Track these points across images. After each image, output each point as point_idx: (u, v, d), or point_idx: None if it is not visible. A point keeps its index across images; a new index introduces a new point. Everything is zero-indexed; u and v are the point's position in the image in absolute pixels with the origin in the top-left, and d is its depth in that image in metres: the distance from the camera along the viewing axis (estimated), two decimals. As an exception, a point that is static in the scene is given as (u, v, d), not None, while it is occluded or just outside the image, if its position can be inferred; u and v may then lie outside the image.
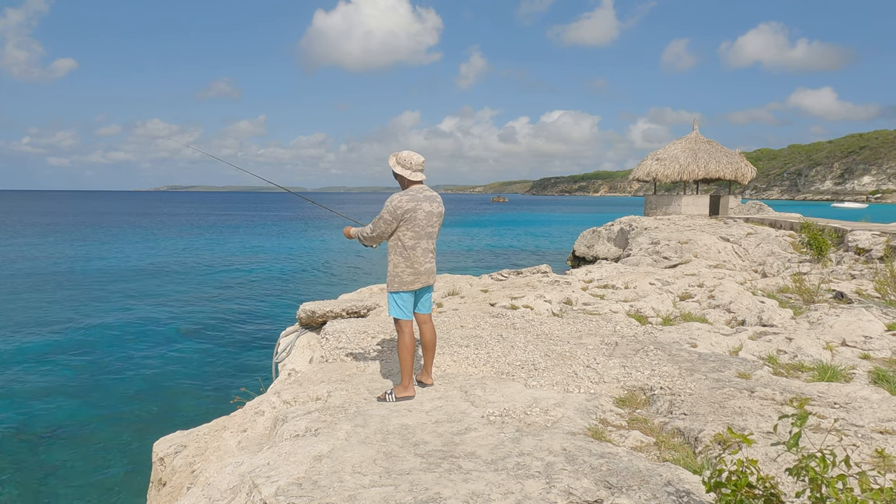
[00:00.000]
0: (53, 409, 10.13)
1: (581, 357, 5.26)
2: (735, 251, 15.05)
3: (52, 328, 15.64)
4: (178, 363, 12.72)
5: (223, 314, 17.58)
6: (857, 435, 3.30)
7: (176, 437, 4.82)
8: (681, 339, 6.03)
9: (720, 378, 4.54)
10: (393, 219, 4.20)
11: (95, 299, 19.65)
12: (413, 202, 4.22)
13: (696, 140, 27.45)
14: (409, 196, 4.24)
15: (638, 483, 2.73)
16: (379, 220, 4.26)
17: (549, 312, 7.51)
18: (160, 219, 74.79)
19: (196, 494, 3.18)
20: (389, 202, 4.22)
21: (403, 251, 4.25)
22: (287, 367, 6.31)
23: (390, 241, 4.34)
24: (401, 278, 4.27)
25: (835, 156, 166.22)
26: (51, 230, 52.30)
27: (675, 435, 3.56)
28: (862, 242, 12.73)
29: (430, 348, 4.53)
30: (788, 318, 6.84)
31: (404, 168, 4.33)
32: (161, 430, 5.89)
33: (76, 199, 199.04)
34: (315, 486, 2.77)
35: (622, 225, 22.92)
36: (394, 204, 4.20)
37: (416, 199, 4.23)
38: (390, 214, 4.20)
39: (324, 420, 3.80)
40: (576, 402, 4.08)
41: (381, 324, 6.59)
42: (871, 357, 5.33)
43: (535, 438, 3.34)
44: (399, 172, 4.35)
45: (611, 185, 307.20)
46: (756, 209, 26.57)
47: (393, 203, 4.20)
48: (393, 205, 4.20)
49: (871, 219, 18.11)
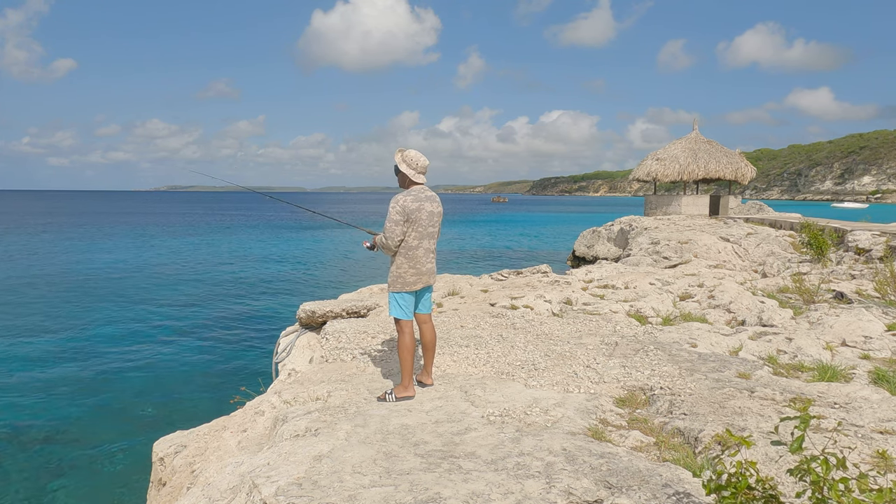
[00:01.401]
0: (53, 409, 10.12)
1: (581, 357, 5.26)
2: (735, 251, 15.05)
3: (51, 328, 15.64)
4: (177, 363, 12.72)
5: (223, 314, 17.57)
6: (857, 435, 3.30)
7: (176, 437, 4.83)
8: (681, 339, 6.03)
9: (720, 378, 4.54)
10: (401, 217, 4.19)
11: (95, 299, 19.65)
12: (417, 202, 4.24)
13: (696, 140, 27.46)
14: (412, 196, 4.25)
15: (638, 483, 2.73)
16: (388, 222, 4.23)
17: (549, 312, 7.51)
18: (160, 219, 74.79)
19: (196, 494, 3.18)
20: (395, 203, 4.21)
21: (407, 251, 4.26)
22: (287, 367, 6.31)
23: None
24: (404, 279, 4.27)
25: (835, 156, 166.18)
26: (50, 230, 52.30)
27: (675, 435, 3.56)
28: (862, 242, 12.73)
29: (430, 348, 4.54)
30: (788, 318, 6.84)
31: (409, 167, 4.34)
32: (161, 430, 5.89)
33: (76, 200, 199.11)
34: (315, 486, 2.77)
35: (622, 225, 22.92)
36: (400, 204, 4.20)
37: (419, 199, 4.25)
38: (399, 214, 4.19)
39: (324, 420, 3.80)
40: (576, 402, 4.08)
41: (382, 324, 6.59)
42: (871, 357, 5.33)
43: (535, 438, 3.34)
44: (403, 171, 4.35)
45: (611, 185, 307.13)
46: (756, 209, 26.57)
47: (399, 203, 4.21)
48: (400, 205, 4.20)
49: (871, 219, 18.11)
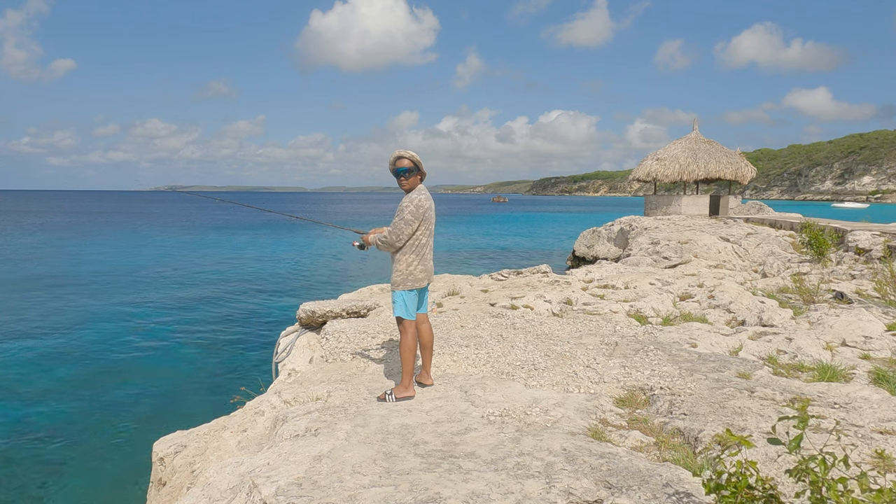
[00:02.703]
0: (53, 409, 10.12)
1: (581, 357, 5.26)
2: (735, 251, 15.04)
3: (51, 328, 15.64)
4: (178, 363, 12.72)
5: (223, 314, 17.57)
6: (857, 435, 3.30)
7: (176, 437, 4.82)
8: (681, 339, 6.03)
9: (720, 378, 4.54)
10: (414, 218, 4.19)
11: (94, 299, 19.65)
12: (428, 201, 4.30)
13: (696, 140, 27.45)
14: (424, 195, 4.29)
15: (638, 483, 2.73)
16: (401, 221, 4.19)
17: (549, 312, 7.51)
18: (160, 218, 74.77)
19: (196, 494, 3.18)
20: (410, 202, 4.18)
21: (419, 249, 4.27)
22: (287, 367, 6.31)
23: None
24: (414, 276, 4.27)
25: (835, 156, 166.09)
26: (50, 230, 52.29)
27: (675, 435, 3.56)
28: (862, 242, 12.73)
29: (428, 348, 4.55)
30: (788, 319, 6.84)
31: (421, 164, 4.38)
32: (161, 430, 5.88)
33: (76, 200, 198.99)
34: (315, 486, 2.77)
35: (622, 225, 22.92)
36: (415, 203, 4.19)
37: (429, 198, 4.32)
38: (412, 215, 4.18)
39: (324, 420, 3.80)
40: (576, 402, 4.08)
41: (381, 324, 6.58)
42: (871, 357, 5.33)
43: (535, 438, 3.34)
44: (424, 170, 4.38)
45: (611, 185, 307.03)
46: (756, 209, 26.56)
47: (414, 203, 4.19)
48: (415, 204, 4.19)
49: (871, 219, 18.11)
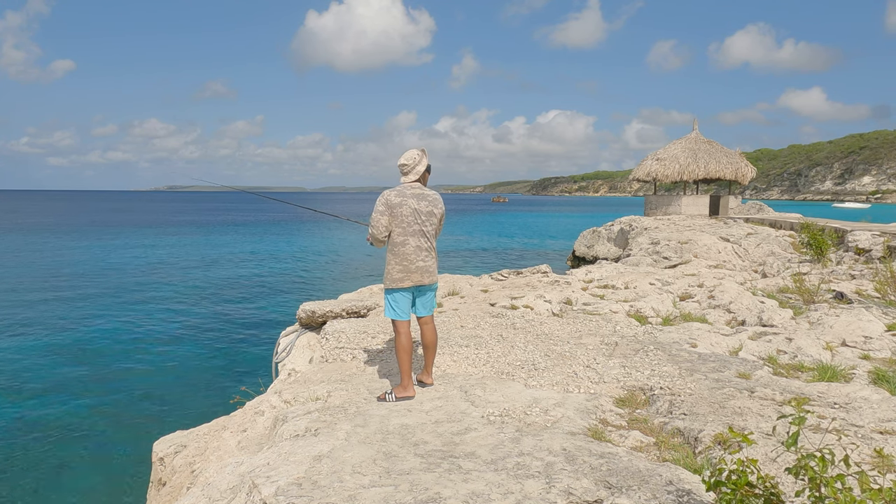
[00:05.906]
0: (53, 409, 10.13)
1: (581, 357, 5.26)
2: (735, 251, 15.04)
3: (51, 328, 15.64)
4: (178, 363, 12.72)
5: (223, 314, 17.57)
6: (856, 435, 3.30)
7: (176, 437, 4.82)
8: (681, 339, 6.02)
9: (720, 378, 4.54)
10: (384, 209, 4.29)
11: (94, 299, 19.65)
12: (400, 197, 4.32)
13: (696, 140, 27.46)
14: (396, 192, 4.36)
15: (638, 483, 2.73)
16: (373, 212, 4.36)
17: (549, 312, 7.51)
18: (160, 218, 74.75)
19: (196, 494, 3.17)
20: (381, 196, 4.38)
21: (393, 248, 4.35)
22: (287, 367, 6.31)
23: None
24: (391, 275, 4.34)
25: (835, 156, 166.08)
26: (49, 230, 52.28)
27: (675, 435, 3.56)
28: (862, 243, 12.73)
29: (430, 348, 4.55)
30: (788, 319, 6.84)
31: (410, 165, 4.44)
32: (161, 430, 5.89)
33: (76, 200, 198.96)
34: (315, 486, 2.76)
35: (622, 225, 22.92)
36: (385, 197, 4.35)
37: (402, 195, 4.34)
38: (382, 205, 4.33)
39: (324, 420, 3.80)
40: (576, 402, 4.08)
41: (381, 324, 6.59)
42: (871, 357, 5.33)
43: (535, 438, 3.34)
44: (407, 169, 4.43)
45: (611, 185, 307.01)
46: (756, 209, 26.57)
47: (384, 196, 4.36)
48: (384, 198, 4.34)
49: (871, 219, 18.12)
